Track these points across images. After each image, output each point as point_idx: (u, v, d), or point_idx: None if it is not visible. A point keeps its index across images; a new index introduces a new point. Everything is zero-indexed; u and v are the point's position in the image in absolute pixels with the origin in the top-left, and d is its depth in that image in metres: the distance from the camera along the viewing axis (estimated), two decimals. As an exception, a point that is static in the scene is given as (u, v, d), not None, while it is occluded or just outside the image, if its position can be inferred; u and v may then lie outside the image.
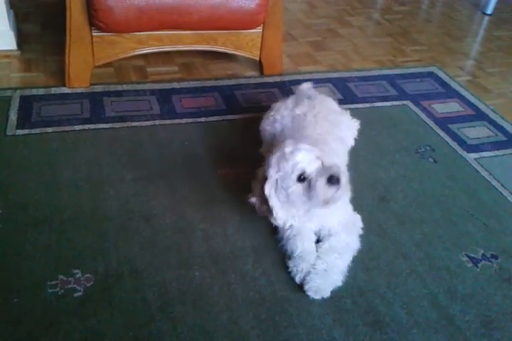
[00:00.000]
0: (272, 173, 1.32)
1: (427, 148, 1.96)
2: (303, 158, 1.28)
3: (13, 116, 1.91)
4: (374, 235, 1.56)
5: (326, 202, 1.30)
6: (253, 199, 1.39)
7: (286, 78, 2.35)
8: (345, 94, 2.26)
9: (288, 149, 1.31)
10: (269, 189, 1.33)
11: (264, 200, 1.35)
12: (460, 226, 1.62)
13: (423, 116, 2.15)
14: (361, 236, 1.53)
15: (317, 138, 1.52)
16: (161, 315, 1.27)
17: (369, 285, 1.40)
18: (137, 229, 1.51)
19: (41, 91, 2.08)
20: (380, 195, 1.72)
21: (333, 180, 1.26)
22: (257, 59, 2.34)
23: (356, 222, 1.52)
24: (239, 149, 1.87)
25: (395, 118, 2.13)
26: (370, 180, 1.78)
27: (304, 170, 1.28)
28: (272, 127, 1.71)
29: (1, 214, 1.50)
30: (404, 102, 2.24)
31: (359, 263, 1.46)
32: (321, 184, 1.26)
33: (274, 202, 1.33)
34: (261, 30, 2.26)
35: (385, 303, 1.35)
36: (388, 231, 1.58)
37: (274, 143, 1.60)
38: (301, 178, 1.29)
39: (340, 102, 2.17)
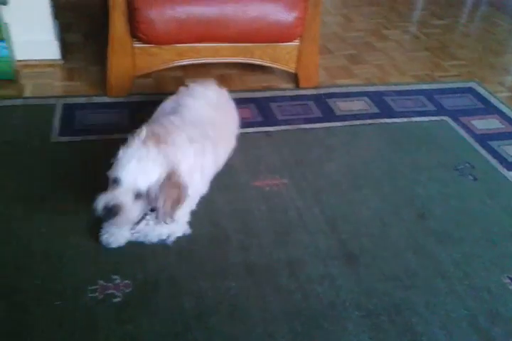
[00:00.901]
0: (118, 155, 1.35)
1: (467, 165, 1.93)
2: (128, 169, 1.28)
3: (56, 124, 1.97)
4: (411, 252, 1.54)
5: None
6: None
7: (322, 91, 2.36)
8: (382, 108, 2.25)
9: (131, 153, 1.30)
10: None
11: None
12: (501, 247, 1.58)
13: (462, 132, 2.12)
14: (398, 253, 1.52)
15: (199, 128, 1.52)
16: (197, 324, 1.28)
17: (406, 304, 1.38)
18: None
19: (83, 100, 2.14)
20: (418, 211, 1.70)
21: (106, 212, 1.27)
22: (293, 71, 2.35)
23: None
24: (275, 161, 1.88)
25: (433, 133, 2.10)
26: (408, 196, 1.76)
27: (117, 181, 1.28)
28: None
29: (45, 219, 1.54)
30: (443, 118, 2.22)
31: (396, 281, 1.44)
32: (100, 201, 1.28)
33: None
34: (298, 43, 2.27)
35: (422, 323, 1.33)
36: (426, 249, 1.55)
37: None
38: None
39: (377, 116, 2.19)
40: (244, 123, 2.08)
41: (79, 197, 1.64)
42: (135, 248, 1.48)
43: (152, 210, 1.37)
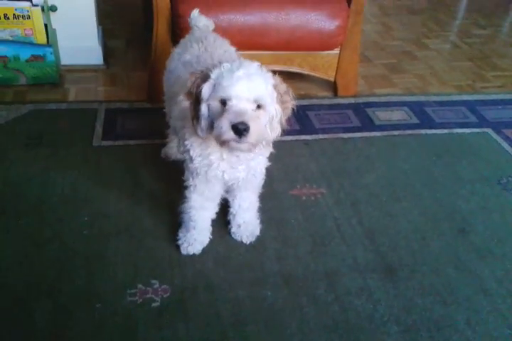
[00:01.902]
0: (213, 76, 1.16)
1: (510, 179, 1.88)
2: (242, 85, 1.11)
3: (99, 128, 2.01)
4: (452, 268, 1.51)
5: (223, 145, 1.17)
6: (185, 102, 1.24)
7: (361, 100, 2.34)
8: (422, 119, 2.21)
9: (236, 67, 1.14)
10: (206, 88, 1.16)
11: (197, 102, 1.19)
12: (546, 264, 1.54)
13: (505, 145, 2.07)
14: (438, 268, 1.49)
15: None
16: (233, 332, 1.29)
17: (447, 320, 1.35)
18: (212, 243, 1.54)
19: (125, 105, 2.18)
20: (458, 226, 1.66)
21: (237, 130, 1.10)
22: (332, 80, 2.34)
23: (261, 180, 1.46)
24: (312, 170, 1.88)
25: (475, 146, 2.06)
26: (449, 210, 1.72)
27: (231, 97, 1.12)
28: (173, 65, 1.55)
29: (87, 221, 1.58)
30: (485, 130, 2.17)
31: (436, 296, 1.42)
32: (224, 123, 1.11)
33: (203, 107, 1.17)
34: (338, 52, 2.27)
35: (463, 341, 1.30)
36: (467, 265, 1.52)
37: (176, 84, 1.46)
38: (223, 102, 1.14)
39: (417, 127, 2.16)
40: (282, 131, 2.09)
41: (120, 200, 1.67)
42: (173, 252, 1.49)
43: None
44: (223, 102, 1.13)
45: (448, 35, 3.16)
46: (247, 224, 1.56)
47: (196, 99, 1.18)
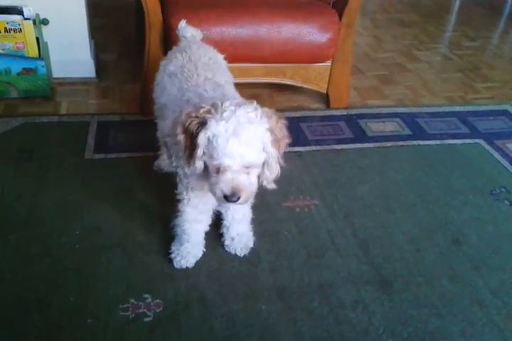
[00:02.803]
0: (209, 131, 1.13)
1: (502, 189, 1.88)
2: (236, 156, 1.12)
3: (91, 141, 2.00)
4: (446, 279, 1.50)
5: (218, 201, 1.23)
6: (181, 137, 1.19)
7: (353, 111, 2.35)
8: (415, 130, 2.22)
9: (231, 132, 1.11)
10: (202, 138, 1.14)
11: (192, 144, 1.17)
12: (540, 275, 1.53)
13: (497, 155, 2.08)
14: (432, 279, 1.48)
15: (210, 83, 1.38)
16: (227, 348, 1.27)
17: (442, 332, 1.34)
18: (204, 256, 1.52)
19: (117, 118, 2.18)
20: (452, 236, 1.66)
21: (228, 198, 1.16)
22: (325, 92, 2.36)
23: (249, 213, 1.53)
24: (306, 181, 1.87)
25: (468, 157, 2.07)
26: (442, 220, 1.72)
27: (225, 168, 1.14)
28: (161, 79, 1.55)
29: (78, 235, 1.56)
30: (477, 141, 2.18)
31: (431, 308, 1.41)
32: (217, 189, 1.16)
33: (199, 151, 1.16)
34: (330, 64, 2.28)
35: (459, 353, 1.29)
36: (462, 276, 1.51)
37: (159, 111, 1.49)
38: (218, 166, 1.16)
39: (409, 138, 2.17)
40: (275, 143, 2.09)
41: (112, 214, 1.65)
42: (166, 266, 1.48)
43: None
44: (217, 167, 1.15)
45: (438, 47, 3.19)
46: (240, 236, 1.55)
47: (191, 138, 1.17)
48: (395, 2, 3.93)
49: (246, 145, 1.12)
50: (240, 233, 1.54)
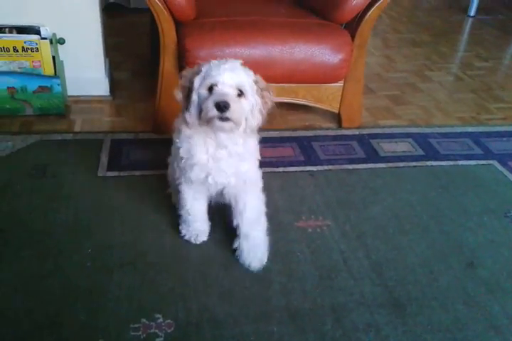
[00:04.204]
0: (204, 70, 1.35)
1: (517, 212, 1.87)
2: (226, 74, 1.31)
3: (104, 159, 2.02)
4: (461, 303, 1.47)
5: (209, 123, 1.33)
6: (179, 94, 1.40)
7: (365, 131, 2.35)
8: (427, 151, 2.21)
9: (223, 63, 1.34)
10: (197, 80, 1.34)
11: (188, 94, 1.36)
12: (558, 300, 1.50)
13: (511, 177, 2.06)
14: (446, 303, 1.46)
15: None
16: (238, 371, 1.25)
17: (458, 358, 1.31)
18: (217, 276, 1.51)
19: (131, 136, 2.19)
20: (467, 259, 1.63)
21: (219, 106, 1.28)
22: (337, 111, 2.36)
23: (258, 181, 1.55)
24: (318, 201, 1.86)
25: (481, 178, 2.05)
26: (456, 243, 1.70)
27: (217, 83, 1.30)
28: None
29: (90, 254, 1.56)
30: (490, 162, 2.17)
31: (445, 333, 1.38)
32: (209, 103, 1.29)
33: (194, 96, 1.35)
34: (342, 84, 2.29)
35: (476, 380, 1.26)
36: (477, 300, 1.49)
37: None
38: (210, 88, 1.32)
39: (422, 158, 2.16)
40: (287, 162, 2.10)
41: (124, 232, 1.65)
42: (177, 286, 1.47)
43: None
44: (210, 89, 1.32)
45: (450, 67, 3.20)
46: (255, 248, 1.54)
47: (188, 91, 1.36)
48: (407, 22, 3.97)
49: (236, 68, 1.33)
50: (256, 244, 1.55)
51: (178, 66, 2.10)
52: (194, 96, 1.34)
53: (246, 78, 1.34)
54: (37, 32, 2.23)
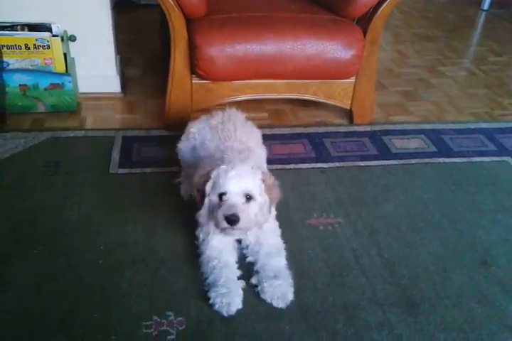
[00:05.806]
0: (213, 176, 1.42)
1: (532, 209, 1.84)
2: (233, 183, 1.38)
3: (115, 156, 2.02)
4: (475, 302, 1.46)
5: (222, 231, 1.41)
6: (196, 195, 1.49)
7: (377, 128, 2.33)
8: (440, 147, 2.19)
9: (231, 169, 1.41)
10: (208, 186, 1.43)
11: (202, 196, 1.45)
12: None
13: (526, 174, 2.04)
14: (460, 302, 1.44)
15: (242, 147, 1.62)
16: (250, 369, 1.25)
17: (471, 358, 1.30)
18: (228, 275, 1.51)
19: (142, 133, 2.19)
20: (480, 257, 1.62)
21: (229, 220, 1.35)
22: (348, 108, 2.34)
23: (280, 248, 1.56)
24: (329, 199, 1.85)
25: (495, 175, 2.03)
26: (469, 241, 1.68)
27: (226, 192, 1.38)
28: (190, 142, 1.80)
29: (102, 251, 1.56)
30: (504, 158, 2.14)
31: (459, 332, 1.37)
32: (219, 215, 1.36)
33: (206, 200, 1.44)
34: (354, 80, 2.27)
35: (490, 380, 1.24)
36: (491, 299, 1.47)
37: (195, 159, 1.72)
38: (220, 196, 1.40)
39: (435, 155, 2.14)
40: (298, 159, 2.09)
41: (136, 229, 1.66)
42: (189, 284, 1.47)
43: None
44: (220, 196, 1.39)
45: (463, 62, 3.16)
46: (278, 282, 1.44)
47: (202, 194, 1.45)
48: (418, 17, 3.92)
49: (243, 174, 1.40)
50: (277, 275, 1.46)
51: (189, 62, 2.10)
52: (206, 201, 1.44)
53: (253, 183, 1.41)
54: (48, 29, 2.24)
